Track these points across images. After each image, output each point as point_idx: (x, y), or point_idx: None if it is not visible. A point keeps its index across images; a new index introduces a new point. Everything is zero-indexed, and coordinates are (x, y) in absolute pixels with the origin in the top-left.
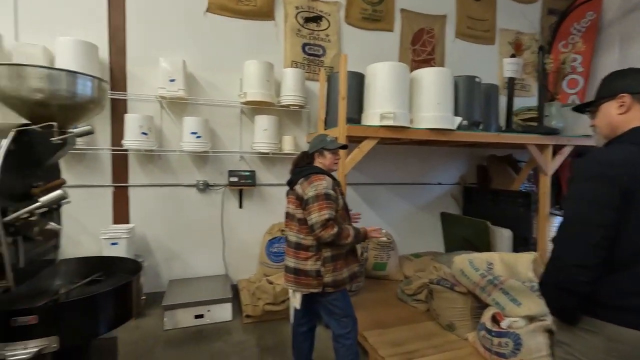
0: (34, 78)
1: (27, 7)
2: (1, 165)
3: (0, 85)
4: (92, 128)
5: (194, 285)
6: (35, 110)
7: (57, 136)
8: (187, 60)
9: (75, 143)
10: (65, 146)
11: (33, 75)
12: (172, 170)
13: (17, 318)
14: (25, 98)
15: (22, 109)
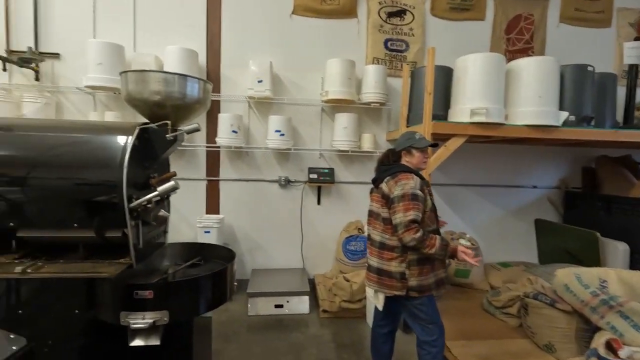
0: (154, 82)
1: (143, 23)
2: (128, 158)
3: (129, 89)
4: (199, 126)
5: (274, 276)
6: (153, 110)
7: (171, 133)
8: (274, 61)
9: (184, 139)
10: (176, 142)
11: (153, 80)
12: (257, 166)
13: (138, 291)
14: (146, 99)
15: (143, 109)
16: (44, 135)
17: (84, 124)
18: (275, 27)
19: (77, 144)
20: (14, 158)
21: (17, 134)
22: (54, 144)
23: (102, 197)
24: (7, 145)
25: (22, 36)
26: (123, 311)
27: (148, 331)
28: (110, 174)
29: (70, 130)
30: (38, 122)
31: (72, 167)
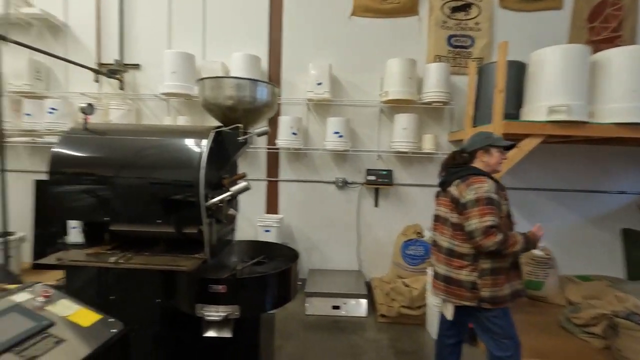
0: (228, 87)
1: (211, 33)
2: (206, 159)
3: (205, 95)
4: (269, 129)
5: (331, 277)
6: (226, 114)
7: (242, 136)
8: (333, 63)
9: (253, 142)
10: (246, 144)
11: (227, 85)
12: (315, 167)
13: (212, 285)
14: (220, 104)
15: (217, 114)
16: (132, 139)
17: (165, 128)
18: (334, 30)
19: (160, 146)
20: (107, 159)
21: (110, 138)
22: (141, 146)
23: (181, 196)
24: (101, 148)
25: (110, 50)
26: (198, 303)
27: (220, 324)
28: (189, 175)
29: (154, 134)
30: (127, 127)
31: (155, 168)
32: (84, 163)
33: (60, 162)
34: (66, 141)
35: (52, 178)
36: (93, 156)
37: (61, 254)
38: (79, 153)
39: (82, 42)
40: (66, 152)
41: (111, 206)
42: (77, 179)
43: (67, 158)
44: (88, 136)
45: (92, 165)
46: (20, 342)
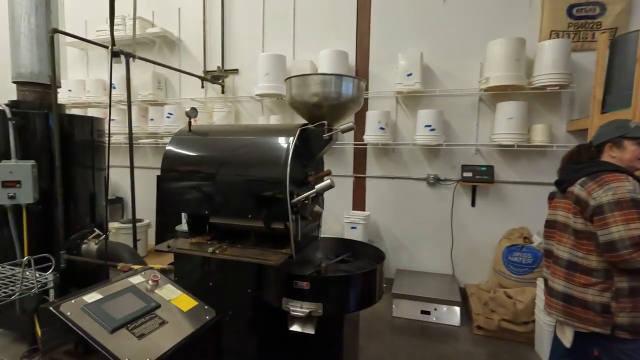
0: (313, 84)
1: (300, 33)
2: (290, 157)
3: (292, 93)
4: (354, 125)
5: (420, 280)
6: (312, 111)
7: (327, 133)
8: (425, 52)
9: (338, 139)
10: (331, 141)
11: (312, 82)
12: (404, 163)
13: (297, 281)
14: (306, 102)
15: (303, 111)
16: (227, 139)
17: (257, 127)
18: (426, 16)
19: (251, 145)
20: (206, 158)
21: (209, 138)
22: (234, 146)
23: (269, 193)
24: (201, 148)
25: (214, 58)
26: (284, 297)
27: (304, 320)
28: (276, 172)
29: (247, 133)
30: (224, 127)
31: (246, 166)
32: (187, 161)
33: (169, 160)
34: (174, 142)
35: (163, 174)
36: (194, 155)
37: (171, 241)
38: (183, 152)
39: (192, 53)
40: (173, 152)
41: (210, 200)
42: (181, 175)
43: (173, 157)
44: (191, 137)
45: (193, 163)
46: (133, 320)
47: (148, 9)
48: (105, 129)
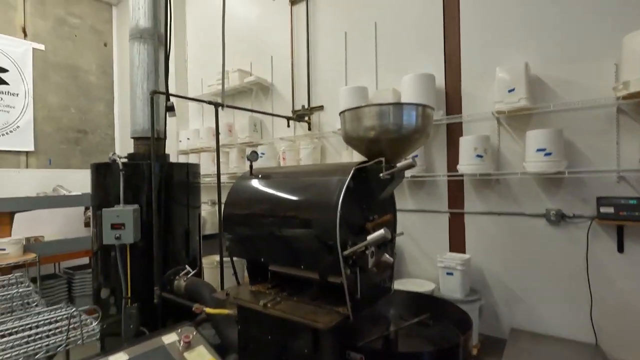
0: (367, 117)
1: (383, 61)
2: (342, 200)
3: (346, 129)
4: (414, 161)
5: (545, 346)
6: (369, 147)
7: (386, 171)
8: (530, 61)
9: (403, 176)
10: (394, 181)
11: (367, 115)
12: (512, 196)
13: (350, 352)
14: (362, 137)
15: (360, 148)
16: (283, 182)
17: (316, 168)
18: (530, 18)
19: (305, 188)
20: (260, 202)
21: (266, 182)
22: (289, 188)
23: (320, 241)
24: (256, 192)
25: (301, 98)
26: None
27: None
28: (325, 217)
29: (304, 175)
30: (282, 169)
31: (297, 210)
32: (244, 206)
33: (228, 205)
34: (234, 188)
35: (224, 220)
36: (250, 199)
37: (230, 288)
38: (241, 197)
39: (282, 95)
40: (232, 196)
41: (266, 247)
42: (239, 219)
43: (232, 202)
44: (250, 182)
45: (249, 207)
46: None
47: (247, 61)
48: (199, 172)
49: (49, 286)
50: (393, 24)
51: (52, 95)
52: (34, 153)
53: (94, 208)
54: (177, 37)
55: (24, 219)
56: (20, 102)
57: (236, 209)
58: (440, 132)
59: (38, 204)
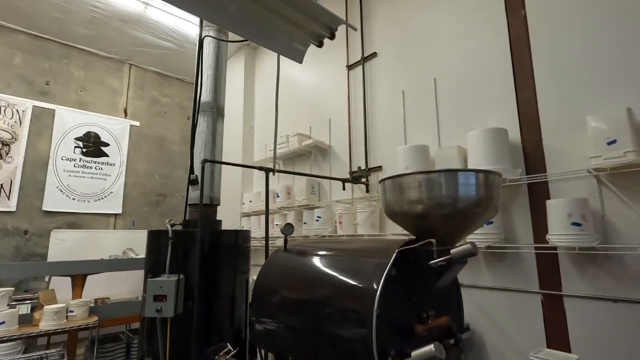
0: (413, 188)
1: (445, 118)
2: (379, 294)
3: (387, 200)
4: (474, 248)
5: None
6: (417, 224)
7: (439, 257)
8: (634, 105)
9: (465, 262)
10: (451, 268)
11: (411, 184)
12: (630, 276)
13: None
14: (407, 212)
15: (407, 224)
16: (318, 261)
17: (357, 245)
18: (630, 55)
19: (340, 271)
20: (291, 287)
21: (297, 261)
22: (322, 271)
23: (353, 346)
24: (287, 273)
25: (358, 159)
26: None
27: None
28: (361, 315)
29: (342, 253)
30: (320, 245)
31: (328, 300)
32: (272, 289)
33: (259, 285)
34: (265, 267)
35: (253, 299)
36: (279, 280)
37: None
38: (270, 277)
39: (340, 157)
40: (264, 274)
41: (291, 340)
42: (266, 302)
43: (261, 283)
44: (281, 260)
45: (277, 289)
46: None
47: (306, 125)
48: (249, 237)
49: (109, 349)
50: (455, 77)
51: (141, 163)
52: (121, 215)
53: (145, 274)
54: (246, 105)
55: (97, 279)
56: (115, 171)
57: (264, 290)
58: (521, 193)
59: (107, 266)
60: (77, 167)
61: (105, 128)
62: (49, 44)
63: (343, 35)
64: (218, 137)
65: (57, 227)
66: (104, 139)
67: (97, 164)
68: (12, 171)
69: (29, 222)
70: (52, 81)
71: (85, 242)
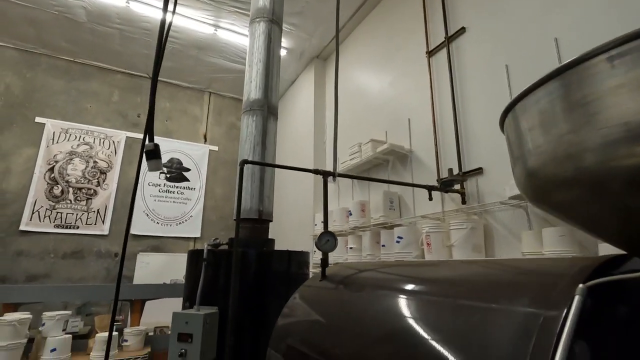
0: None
1: None
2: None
3: (530, 165)
4: None
5: None
6: (622, 210)
7: None
8: None
9: None
10: None
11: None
12: None
13: None
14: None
15: (581, 211)
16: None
17: (476, 269)
18: None
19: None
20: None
21: (348, 297)
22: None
23: None
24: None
25: (449, 162)
26: None
27: None
28: None
29: (443, 286)
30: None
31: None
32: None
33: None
34: (289, 307)
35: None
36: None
37: None
38: (296, 327)
39: (424, 162)
40: (285, 323)
41: None
42: None
43: (283, 333)
44: (317, 296)
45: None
46: None
47: (382, 130)
48: (308, 261)
49: None
50: (587, 30)
51: (219, 187)
52: (200, 239)
53: (182, 304)
54: (316, 121)
55: (158, 306)
56: (195, 195)
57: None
58: None
59: (157, 292)
60: (162, 192)
61: (187, 154)
62: (140, 80)
63: (419, 16)
64: (269, 139)
65: (143, 251)
66: (186, 164)
67: (179, 189)
68: (107, 197)
69: (119, 245)
70: (142, 113)
71: (166, 265)
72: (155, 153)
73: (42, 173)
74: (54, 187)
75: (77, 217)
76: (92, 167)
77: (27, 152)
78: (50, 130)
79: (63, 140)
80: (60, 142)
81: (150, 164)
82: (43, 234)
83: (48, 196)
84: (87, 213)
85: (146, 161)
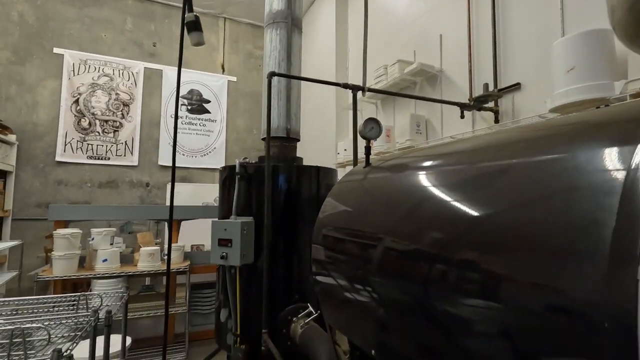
0: None
1: None
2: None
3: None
4: None
5: None
6: None
7: None
8: None
9: None
10: None
11: None
12: None
13: None
14: None
15: None
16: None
17: (575, 120)
18: None
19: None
20: (382, 232)
21: (401, 180)
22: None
23: None
24: (374, 206)
25: (481, 79)
26: None
27: None
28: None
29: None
30: (445, 148)
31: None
32: (342, 228)
33: (323, 221)
34: (336, 191)
35: (314, 249)
36: (355, 219)
37: None
38: (339, 217)
39: (455, 82)
40: (331, 206)
41: (380, 328)
42: (331, 252)
43: (328, 217)
44: (356, 183)
45: (352, 233)
46: None
47: (409, 51)
48: (336, 178)
49: (206, 295)
50: None
51: (240, 119)
52: None
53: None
54: (338, 38)
55: (194, 227)
56: (217, 127)
57: (331, 231)
58: None
59: (196, 212)
60: (184, 124)
61: (206, 85)
62: (152, 6)
63: None
64: (294, 54)
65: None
66: (206, 95)
67: (201, 121)
68: (133, 130)
69: (149, 175)
70: (158, 42)
71: (195, 195)
72: (197, 24)
73: (68, 106)
74: (82, 119)
75: (107, 148)
76: (114, 100)
77: (51, 84)
78: (70, 62)
79: (84, 72)
80: (81, 73)
81: (192, 37)
82: (78, 165)
83: (77, 128)
84: (116, 145)
85: (187, 34)
